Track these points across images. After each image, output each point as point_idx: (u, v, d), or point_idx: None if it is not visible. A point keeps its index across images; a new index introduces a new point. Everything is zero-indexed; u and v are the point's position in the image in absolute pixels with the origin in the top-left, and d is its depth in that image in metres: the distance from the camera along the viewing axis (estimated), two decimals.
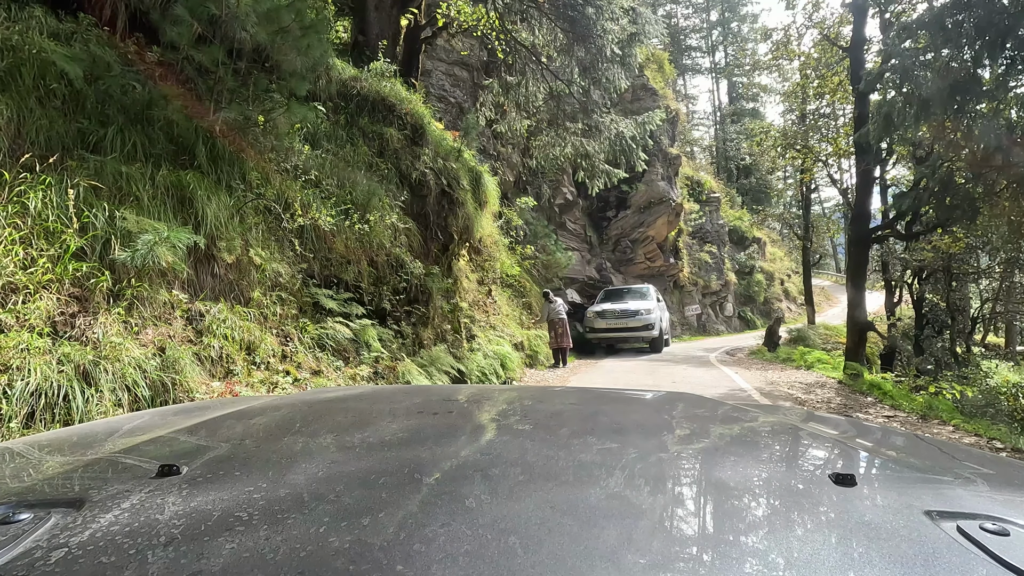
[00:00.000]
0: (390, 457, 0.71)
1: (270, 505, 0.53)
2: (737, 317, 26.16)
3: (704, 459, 0.78)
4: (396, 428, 0.91)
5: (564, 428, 0.93)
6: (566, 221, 16.95)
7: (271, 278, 4.01)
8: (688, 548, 0.49)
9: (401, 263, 5.85)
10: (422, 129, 7.59)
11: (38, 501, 0.57)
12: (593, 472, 0.66)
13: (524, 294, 12.47)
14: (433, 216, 7.42)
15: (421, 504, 0.53)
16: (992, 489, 0.71)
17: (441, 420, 0.95)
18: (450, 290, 7.60)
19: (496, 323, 10.22)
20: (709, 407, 1.20)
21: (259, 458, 0.72)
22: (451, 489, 0.58)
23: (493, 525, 0.49)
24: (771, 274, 29.15)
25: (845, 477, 0.61)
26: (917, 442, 1.06)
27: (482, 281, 10.19)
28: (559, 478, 0.62)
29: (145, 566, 0.42)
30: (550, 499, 0.55)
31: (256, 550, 0.44)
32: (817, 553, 0.46)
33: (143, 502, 0.54)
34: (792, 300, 30.66)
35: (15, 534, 0.48)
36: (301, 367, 3.71)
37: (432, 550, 0.44)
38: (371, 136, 6.93)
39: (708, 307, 24.35)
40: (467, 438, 0.86)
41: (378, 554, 0.43)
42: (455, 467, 0.66)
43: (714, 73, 44.09)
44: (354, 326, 4.41)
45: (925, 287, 14.05)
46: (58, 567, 0.42)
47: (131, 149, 3.81)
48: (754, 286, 26.88)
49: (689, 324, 22.31)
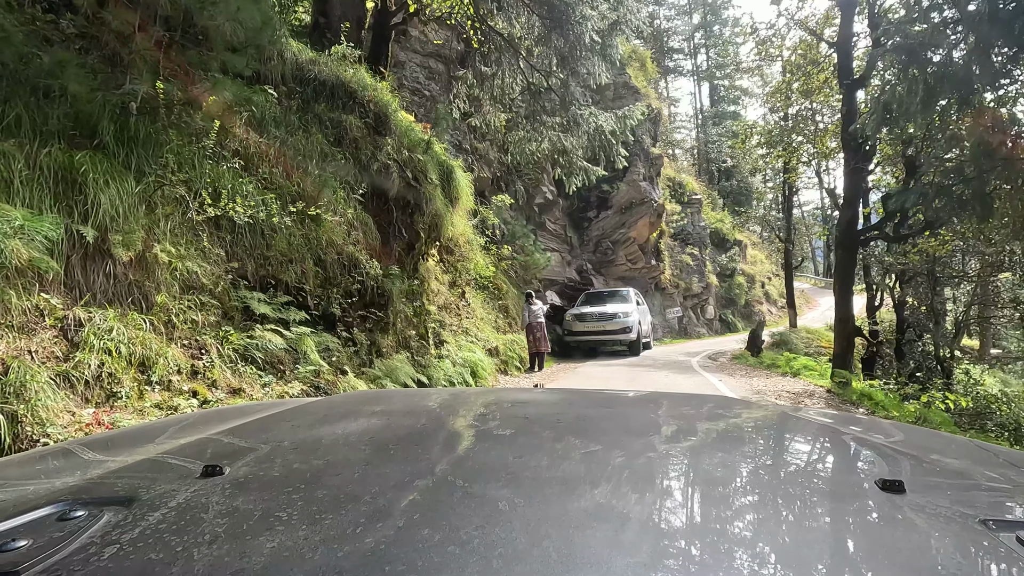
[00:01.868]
0: (424, 458, 0.74)
1: (308, 505, 0.55)
2: (718, 320, 26.00)
3: (744, 464, 0.77)
4: (430, 430, 0.94)
5: (599, 431, 0.94)
6: (546, 221, 16.47)
7: (186, 279, 3.40)
8: (736, 553, 0.47)
9: (355, 262, 5.26)
10: (386, 118, 7.01)
11: (92, 499, 0.59)
12: (630, 476, 0.67)
13: (501, 296, 11.94)
14: (397, 212, 6.84)
15: (455, 506, 0.54)
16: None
17: (475, 424, 0.97)
18: (415, 292, 7.02)
19: (470, 327, 9.67)
20: (745, 409, 1.20)
21: (297, 459, 0.75)
22: (484, 492, 0.59)
23: (527, 528, 0.49)
24: (752, 277, 29.10)
25: (893, 484, 0.60)
26: (972, 448, 1.01)
27: (455, 283, 9.63)
28: (595, 482, 0.63)
29: (191, 563, 0.44)
30: (585, 503, 0.55)
31: (295, 549, 0.45)
32: (865, 563, 0.45)
33: (188, 501, 0.57)
34: (772, 303, 30.68)
35: (72, 530, 0.50)
36: (216, 385, 3.11)
37: (467, 552, 0.44)
38: (328, 124, 6.32)
39: (689, 310, 24.12)
40: (500, 441, 0.86)
41: (412, 555, 0.44)
42: (488, 469, 0.67)
43: (696, 76, 44.18)
44: (290, 334, 3.82)
45: (907, 291, 13.91)
46: (111, 563, 0.44)
47: (12, 123, 3.18)
48: (735, 289, 26.77)
49: (670, 327, 22.01)
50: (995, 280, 10.55)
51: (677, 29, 44.35)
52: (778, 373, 9.89)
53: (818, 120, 10.88)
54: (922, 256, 9.69)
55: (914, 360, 13.69)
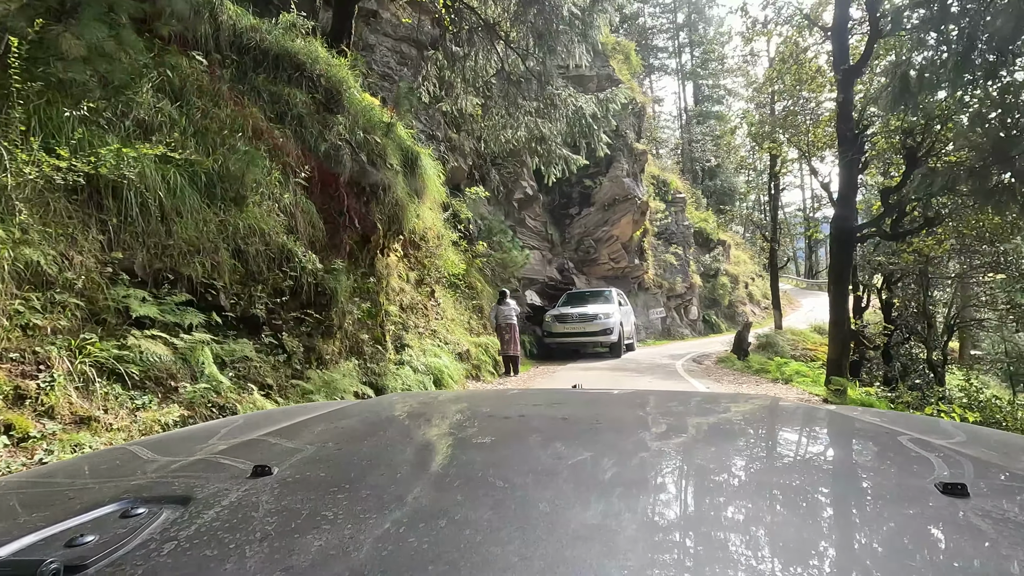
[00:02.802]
0: (464, 461, 0.76)
1: (353, 505, 0.57)
2: (702, 321, 25.58)
3: (799, 468, 0.76)
4: (469, 432, 0.96)
5: (643, 431, 0.94)
6: (525, 217, 15.76)
7: (29, 271, 2.59)
8: (791, 557, 0.46)
9: (288, 255, 4.47)
10: (339, 95, 6.22)
11: (152, 497, 0.62)
12: (692, 479, 0.66)
13: (475, 295, 11.19)
14: (349, 200, 6.06)
15: (496, 507, 0.55)
16: None
17: (513, 425, 0.98)
18: (370, 291, 6.25)
19: (439, 329, 8.91)
20: (799, 413, 1.21)
21: (342, 460, 0.78)
22: (524, 494, 0.59)
23: (568, 531, 0.48)
24: (736, 277, 28.78)
25: (955, 487, 0.59)
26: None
27: (422, 281, 8.86)
28: (652, 483, 0.63)
29: (243, 560, 0.45)
30: (631, 505, 0.56)
31: (341, 548, 0.46)
32: (928, 571, 0.44)
33: (240, 500, 0.60)
34: (756, 304, 30.42)
35: (134, 527, 0.53)
36: (53, 413, 2.32)
37: (507, 553, 0.44)
38: (268, 97, 5.51)
39: (673, 310, 23.64)
40: (539, 442, 0.86)
41: (455, 555, 0.44)
42: (530, 470, 0.67)
43: (680, 75, 43.91)
44: (180, 342, 3.03)
45: (896, 292, 13.51)
46: (170, 558, 0.46)
47: None
48: (719, 289, 26.39)
49: (653, 327, 21.48)
50: (989, 281, 10.14)
51: (662, 27, 44.02)
52: (768, 379, 9.31)
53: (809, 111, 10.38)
54: (916, 256, 9.19)
55: (901, 363, 13.30)
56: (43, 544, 0.50)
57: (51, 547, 0.49)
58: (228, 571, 0.43)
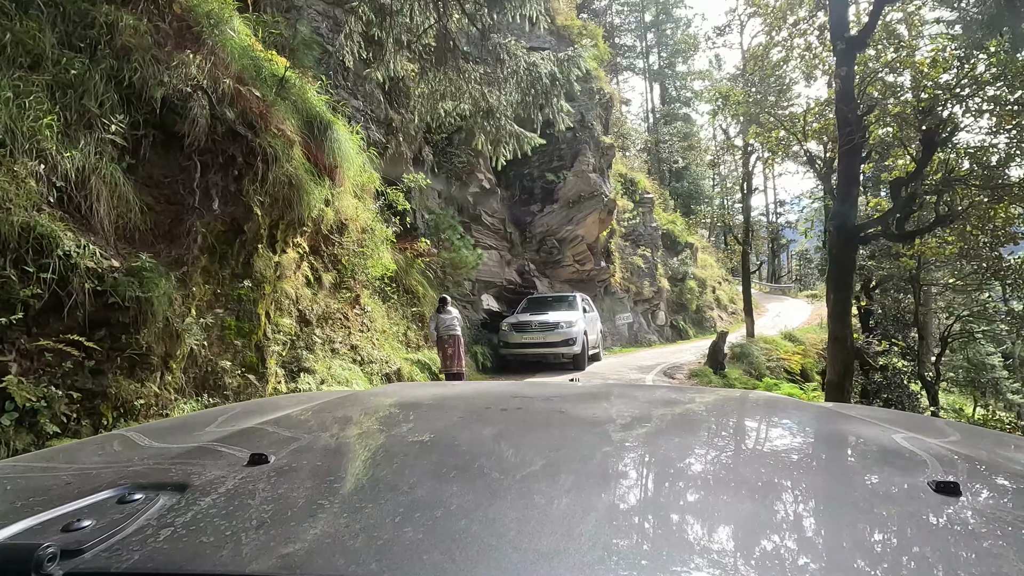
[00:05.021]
0: (460, 451, 0.74)
1: (349, 494, 0.58)
2: (669, 326, 24.58)
3: (792, 465, 0.76)
4: (466, 423, 0.94)
5: (640, 425, 0.93)
6: (482, 214, 14.18)
7: None
8: (782, 552, 0.46)
9: (45, 246, 2.76)
10: (199, 28, 4.52)
11: (149, 484, 0.62)
12: (684, 474, 0.66)
13: (417, 302, 9.55)
14: (210, 173, 4.36)
15: (491, 499, 0.55)
16: None
17: (510, 416, 0.97)
18: (244, 299, 4.55)
19: (362, 344, 7.24)
20: (794, 409, 1.18)
21: (339, 450, 0.79)
22: (520, 485, 0.59)
23: (563, 521, 0.49)
24: (703, 281, 27.96)
25: (948, 485, 0.59)
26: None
27: (341, 285, 7.17)
28: (646, 478, 0.63)
29: (239, 547, 0.45)
30: (629, 497, 0.57)
31: (337, 536, 0.46)
32: (919, 568, 0.44)
33: (237, 487, 0.60)
34: (723, 309, 29.74)
35: (130, 512, 0.53)
36: None
37: (503, 544, 0.44)
38: (73, 16, 3.77)
39: (640, 315, 22.51)
40: (536, 434, 0.86)
41: (450, 545, 0.44)
42: (523, 463, 0.67)
43: (647, 75, 43.26)
44: None
45: (876, 298, 12.56)
46: (166, 544, 0.46)
47: None
48: (687, 294, 25.48)
49: (620, 334, 20.25)
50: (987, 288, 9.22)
51: (629, 26, 43.28)
52: None
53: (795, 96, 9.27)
54: (916, 260, 8.07)
55: (884, 376, 12.35)
56: (40, 528, 0.50)
57: (48, 532, 0.49)
58: (224, 558, 0.43)
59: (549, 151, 15.88)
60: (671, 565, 0.42)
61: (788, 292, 41.38)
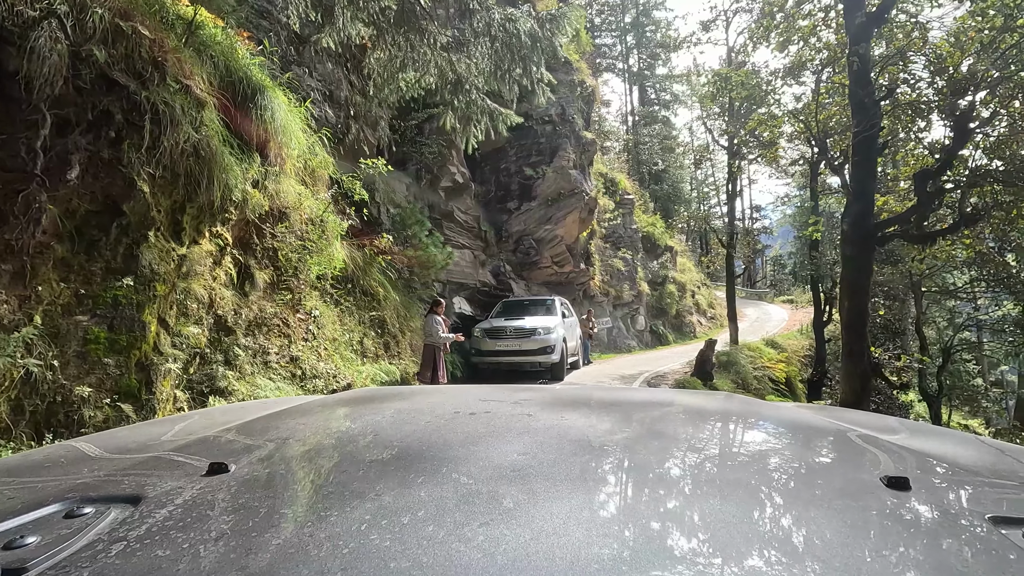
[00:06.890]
0: (428, 456, 0.72)
1: (313, 502, 0.56)
2: (649, 331, 23.90)
3: (749, 463, 0.77)
4: (433, 428, 0.91)
5: (610, 429, 0.91)
6: (454, 210, 13.13)
7: None
8: (740, 549, 0.46)
9: None
10: None
11: (99, 497, 0.59)
12: (638, 472, 0.66)
13: (376, 305, 8.45)
14: (62, 129, 3.24)
15: (459, 504, 0.53)
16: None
17: (478, 421, 0.95)
18: (123, 303, 3.43)
19: (304, 355, 6.14)
20: (757, 409, 1.20)
21: (302, 457, 0.76)
22: (488, 489, 0.57)
23: (531, 525, 0.48)
24: (683, 285, 27.43)
25: (899, 480, 0.60)
26: (978, 444, 0.99)
27: (280, 284, 6.05)
28: (605, 481, 0.62)
29: (197, 560, 0.43)
30: (595, 500, 0.55)
31: (301, 546, 0.44)
32: (870, 560, 0.44)
33: (195, 498, 0.57)
34: (702, 313, 29.27)
35: (79, 527, 0.50)
36: None
37: (471, 549, 0.43)
38: None
39: (619, 320, 21.75)
40: (504, 439, 0.83)
41: (418, 552, 0.43)
42: (491, 467, 0.65)
43: (627, 77, 42.83)
44: None
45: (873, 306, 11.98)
46: (118, 559, 0.44)
47: None
48: (667, 298, 24.86)
49: (599, 339, 19.43)
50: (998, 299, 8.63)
51: (610, 27, 42.80)
52: None
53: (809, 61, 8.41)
54: (926, 263, 7.36)
55: None
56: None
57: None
58: (181, 571, 0.42)
59: (527, 144, 14.94)
60: (637, 563, 0.41)
61: (764, 297, 41.36)
